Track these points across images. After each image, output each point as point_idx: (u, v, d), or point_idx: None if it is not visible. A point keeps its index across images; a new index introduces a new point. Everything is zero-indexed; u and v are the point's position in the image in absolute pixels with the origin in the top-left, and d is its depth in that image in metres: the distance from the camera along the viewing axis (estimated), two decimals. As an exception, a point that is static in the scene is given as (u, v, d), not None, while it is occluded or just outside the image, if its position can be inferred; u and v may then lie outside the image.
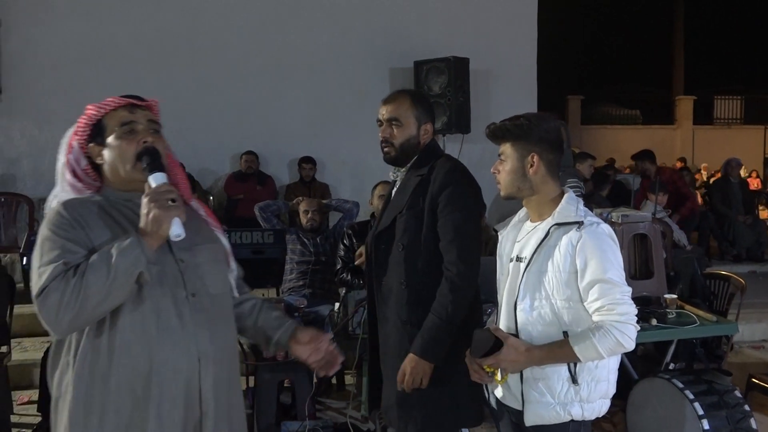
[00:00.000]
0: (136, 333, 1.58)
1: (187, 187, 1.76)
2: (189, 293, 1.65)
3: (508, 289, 1.94)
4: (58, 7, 6.34)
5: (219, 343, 1.68)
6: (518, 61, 7.27)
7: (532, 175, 1.90)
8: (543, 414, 1.82)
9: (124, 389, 1.57)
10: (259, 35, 6.74)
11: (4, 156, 6.39)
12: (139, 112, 1.69)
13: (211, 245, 1.75)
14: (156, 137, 1.68)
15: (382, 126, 2.35)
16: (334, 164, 7.02)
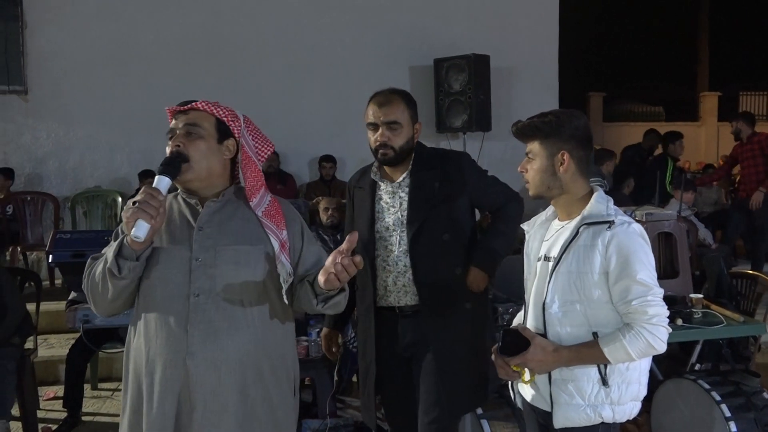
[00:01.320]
0: (143, 326, 1.74)
1: (254, 184, 1.78)
2: (192, 293, 1.69)
3: (536, 289, 1.90)
4: (83, 9, 6.43)
5: (218, 346, 1.68)
6: (539, 58, 7.21)
7: (563, 173, 1.85)
8: (572, 416, 1.79)
9: (132, 377, 1.76)
10: (279, 35, 6.77)
11: (30, 155, 6.51)
12: (180, 117, 1.78)
13: (244, 247, 1.73)
14: (189, 140, 1.73)
15: (376, 128, 2.34)
16: (354, 162, 7.01)
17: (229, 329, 1.70)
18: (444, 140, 6.96)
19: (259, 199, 1.78)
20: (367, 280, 2.40)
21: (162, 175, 1.67)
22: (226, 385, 1.69)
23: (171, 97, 1.88)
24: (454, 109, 6.54)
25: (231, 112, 1.81)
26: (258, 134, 1.88)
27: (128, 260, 1.67)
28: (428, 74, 6.80)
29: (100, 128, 6.52)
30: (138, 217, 1.59)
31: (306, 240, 1.85)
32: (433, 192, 2.34)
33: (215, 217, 1.76)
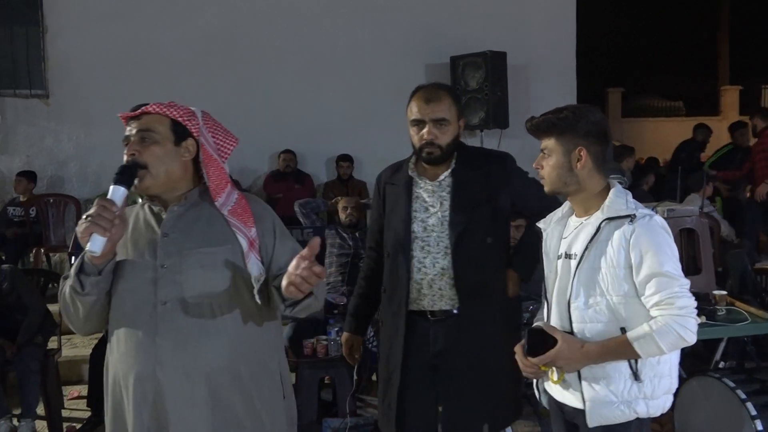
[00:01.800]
0: (115, 339, 1.70)
1: (218, 183, 1.72)
2: (160, 301, 1.64)
3: (559, 287, 1.87)
4: (102, 13, 6.50)
5: (188, 354, 1.62)
6: (557, 54, 7.15)
7: (579, 169, 1.81)
8: (607, 414, 1.76)
9: (110, 391, 1.72)
10: (296, 34, 6.79)
11: (52, 158, 6.60)
12: (133, 123, 1.71)
13: (210, 249, 1.67)
14: (144, 146, 1.67)
15: (421, 126, 2.23)
16: (372, 162, 7.02)
17: (200, 336, 1.64)
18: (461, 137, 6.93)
19: (225, 198, 1.72)
20: (399, 281, 2.27)
21: (117, 185, 1.60)
22: (199, 395, 1.64)
23: (190, 99, 1.87)
24: (471, 107, 6.51)
25: (187, 110, 1.73)
26: (219, 130, 1.80)
27: (90, 276, 1.63)
28: (445, 72, 6.77)
29: (120, 131, 6.48)
30: (92, 231, 1.54)
31: (279, 236, 1.77)
32: (477, 193, 2.24)
33: (180, 222, 1.70)
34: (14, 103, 6.54)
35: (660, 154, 12.46)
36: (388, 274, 2.32)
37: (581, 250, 1.81)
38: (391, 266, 2.31)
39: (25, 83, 6.54)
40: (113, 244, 1.61)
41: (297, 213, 4.76)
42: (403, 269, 2.25)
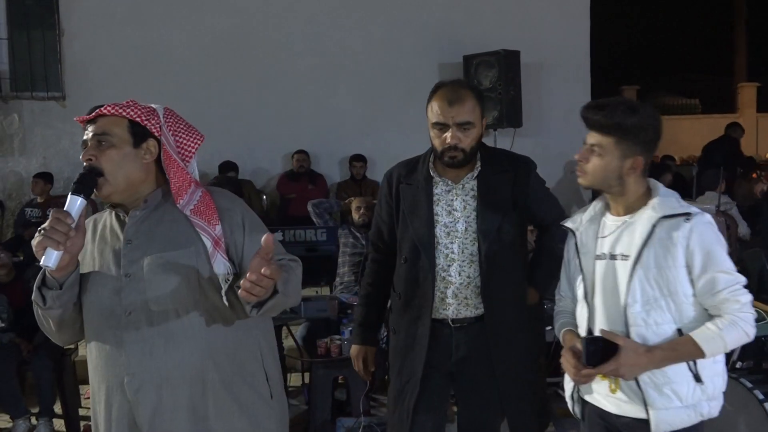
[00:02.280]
0: (89, 352, 1.67)
1: (180, 185, 1.63)
2: (125, 311, 1.58)
3: (605, 289, 1.78)
4: (116, 16, 6.57)
5: (155, 364, 1.57)
6: (571, 53, 7.12)
7: (628, 176, 1.74)
8: (674, 420, 1.71)
9: (93, 407, 1.69)
10: (309, 35, 6.82)
11: (69, 160, 6.67)
12: (90, 127, 1.62)
13: (172, 253, 1.59)
14: (100, 150, 1.58)
15: (444, 129, 2.08)
16: (384, 161, 7.01)
17: (167, 344, 1.57)
18: (475, 137, 6.93)
19: (188, 198, 1.62)
20: (420, 289, 2.14)
21: (74, 194, 1.52)
22: (169, 405, 1.58)
23: (202, 99, 1.86)
24: (485, 106, 6.48)
25: (146, 109, 1.64)
26: (181, 129, 1.69)
27: (52, 289, 1.58)
28: (458, 71, 6.75)
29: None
30: (45, 245, 1.47)
31: (248, 231, 1.65)
32: (503, 198, 2.14)
33: (143, 226, 1.62)
34: (31, 106, 6.62)
35: (676, 152, 12.35)
36: (405, 280, 2.19)
37: (636, 250, 1.73)
38: (409, 272, 2.18)
39: (42, 86, 6.63)
40: (72, 257, 1.54)
41: (310, 213, 4.78)
42: (425, 276, 2.13)
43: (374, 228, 2.37)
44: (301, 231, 3.53)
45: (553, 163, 7.16)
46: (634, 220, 1.76)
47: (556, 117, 7.08)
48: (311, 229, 3.59)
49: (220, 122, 6.14)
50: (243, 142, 6.22)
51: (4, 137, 6.57)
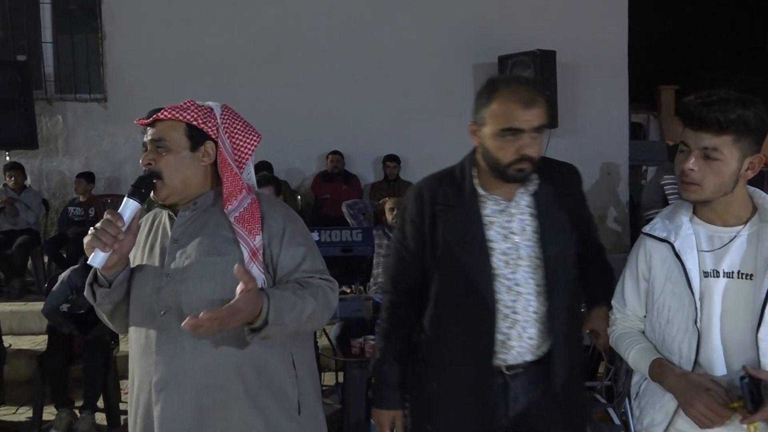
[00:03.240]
0: (130, 346, 1.70)
1: (231, 190, 1.62)
2: (160, 310, 1.59)
3: (726, 314, 1.49)
4: (156, 20, 6.71)
5: (181, 368, 1.57)
6: (608, 51, 7.01)
7: (743, 179, 1.48)
8: None
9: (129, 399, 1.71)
10: (343, 36, 6.85)
11: (110, 160, 6.84)
12: (149, 130, 1.65)
13: (211, 259, 1.59)
14: (159, 155, 1.61)
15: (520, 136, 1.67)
16: (418, 162, 7.02)
17: (194, 350, 1.56)
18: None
19: (236, 204, 1.61)
20: (476, 334, 1.75)
21: (130, 197, 1.56)
22: (190, 410, 1.57)
23: (238, 100, 1.87)
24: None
25: (203, 111, 1.63)
26: (238, 129, 1.68)
27: (102, 287, 1.62)
28: (492, 71, 6.71)
29: (174, 133, 6.78)
30: (94, 245, 1.51)
31: (286, 243, 1.63)
32: (561, 216, 1.79)
33: (189, 228, 1.63)
34: (74, 107, 6.81)
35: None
36: (452, 324, 1.79)
37: (764, 266, 1.45)
38: (459, 314, 1.77)
39: (85, 88, 6.81)
40: (121, 257, 1.57)
41: (345, 214, 4.81)
42: (483, 317, 1.73)
43: (394, 262, 1.88)
44: (336, 231, 3.55)
45: (589, 165, 7.06)
46: (748, 231, 1.50)
47: (592, 117, 6.98)
48: (347, 230, 3.61)
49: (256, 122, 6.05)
50: (278, 142, 6.27)
51: (49, 138, 6.77)
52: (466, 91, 7.02)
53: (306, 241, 1.69)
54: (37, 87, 6.59)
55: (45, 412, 3.90)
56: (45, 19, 6.81)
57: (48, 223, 6.64)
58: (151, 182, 1.59)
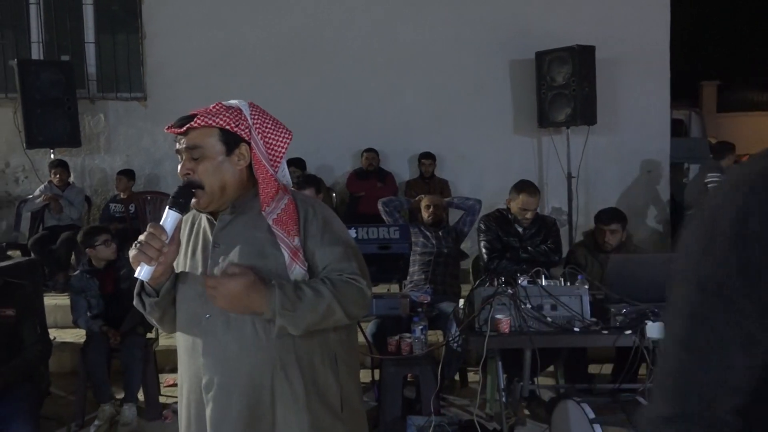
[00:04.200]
0: (178, 347, 1.73)
1: (267, 191, 1.63)
2: (205, 314, 1.62)
3: None
4: (194, 19, 6.80)
5: (228, 370, 1.59)
6: (649, 47, 6.84)
7: None
8: None
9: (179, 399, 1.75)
10: (378, 33, 6.85)
11: (150, 157, 6.97)
12: (182, 139, 1.64)
13: (252, 261, 1.60)
14: (196, 164, 1.61)
15: None
16: (454, 159, 6.99)
17: (240, 352, 1.59)
18: (546, 135, 6.78)
19: (274, 206, 1.62)
20: None
21: (171, 208, 1.57)
22: (238, 411, 1.59)
23: (274, 98, 1.86)
24: (557, 103, 6.35)
25: (234, 113, 1.62)
26: (269, 128, 1.67)
27: (150, 297, 1.67)
28: (529, 68, 6.64)
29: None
30: (140, 260, 1.54)
31: (322, 242, 1.65)
32: None
33: (230, 231, 1.65)
34: (115, 106, 6.95)
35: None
36: None
37: None
38: None
39: (126, 87, 6.95)
40: (165, 267, 1.60)
41: (381, 211, 4.81)
42: None
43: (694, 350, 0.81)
44: (374, 228, 3.54)
45: (629, 162, 6.93)
46: None
47: (632, 114, 6.84)
48: (384, 227, 3.60)
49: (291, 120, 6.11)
50: (313, 139, 6.31)
51: (92, 136, 6.93)
52: (502, 88, 6.96)
53: (342, 240, 1.68)
54: (80, 86, 6.75)
55: (88, 404, 4.00)
56: (88, 19, 6.97)
57: (90, 219, 6.80)
58: (191, 192, 1.59)
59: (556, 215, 6.89)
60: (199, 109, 1.63)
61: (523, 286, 3.08)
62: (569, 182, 6.55)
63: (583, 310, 3.07)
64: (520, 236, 4.17)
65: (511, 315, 3.02)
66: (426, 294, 4.09)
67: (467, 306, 3.29)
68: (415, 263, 4.46)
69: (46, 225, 6.13)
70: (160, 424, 3.96)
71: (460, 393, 4.28)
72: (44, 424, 3.60)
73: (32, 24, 6.93)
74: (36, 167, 6.73)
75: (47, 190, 6.11)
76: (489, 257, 4.10)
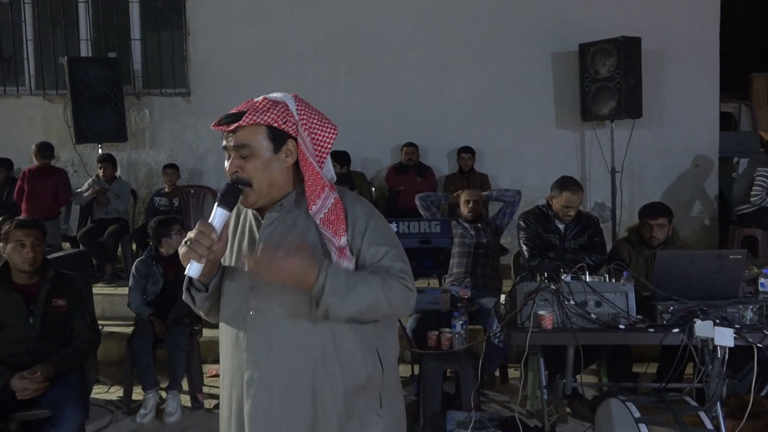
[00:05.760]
0: (220, 341, 1.75)
1: (312, 189, 1.62)
2: (249, 310, 1.63)
3: None
4: (236, 16, 6.89)
5: (270, 366, 1.60)
6: (697, 38, 6.63)
7: None
8: None
9: (221, 392, 1.77)
10: (419, 26, 6.81)
11: (193, 152, 7.10)
12: (229, 136, 1.63)
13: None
14: (244, 162, 1.62)
15: None
16: (493, 154, 6.92)
17: (282, 349, 1.60)
18: (589, 128, 6.65)
19: (320, 204, 1.61)
20: None
21: (220, 206, 1.59)
22: (278, 409, 1.60)
23: (315, 93, 1.84)
24: (601, 96, 6.22)
25: (281, 109, 1.61)
26: (315, 122, 1.66)
27: (199, 292, 1.70)
28: (572, 60, 6.51)
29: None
30: (189, 257, 1.55)
31: (369, 241, 1.64)
32: None
33: (277, 229, 1.65)
34: (160, 102, 7.10)
35: (815, 144, 11.23)
36: None
37: None
38: None
39: (170, 83, 7.09)
40: (214, 264, 1.62)
41: (418, 206, 4.81)
42: None
43: None
44: (415, 222, 3.53)
45: (675, 156, 6.74)
46: None
47: (679, 107, 6.64)
48: (425, 221, 3.59)
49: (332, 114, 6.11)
50: (353, 133, 6.31)
51: (137, 131, 7.09)
52: (544, 81, 6.84)
53: (388, 239, 1.68)
54: (126, 82, 6.90)
55: (134, 392, 4.11)
56: (134, 17, 7.13)
57: (136, 212, 6.97)
58: (239, 190, 1.60)
59: (599, 210, 6.76)
60: (245, 105, 1.63)
61: (567, 282, 3.03)
62: (613, 177, 6.41)
63: (629, 307, 3.01)
64: (561, 234, 4.11)
65: (554, 311, 2.98)
66: (466, 289, 4.07)
67: (509, 301, 3.26)
68: (454, 256, 4.45)
69: (93, 218, 6.30)
70: (202, 413, 4.04)
71: (501, 389, 4.25)
72: (93, 411, 3.72)
73: (81, 22, 7.12)
74: (85, 161, 6.93)
75: (95, 183, 6.28)
76: (530, 254, 4.05)
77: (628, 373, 3.78)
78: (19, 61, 7.20)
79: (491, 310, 3.84)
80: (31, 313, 3.20)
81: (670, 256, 3.23)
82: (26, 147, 6.64)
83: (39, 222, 3.38)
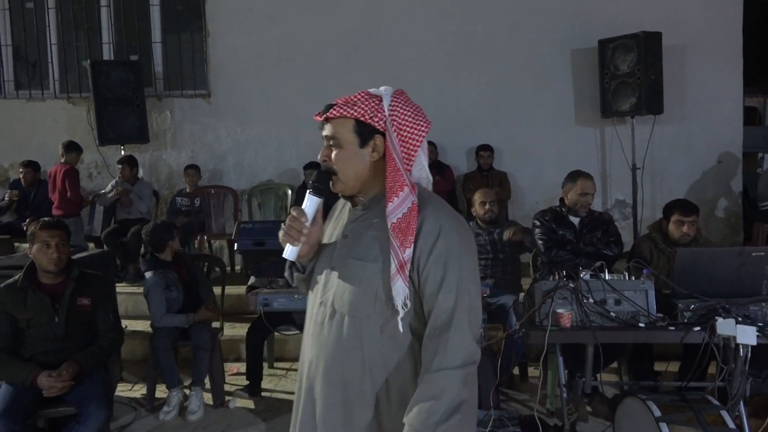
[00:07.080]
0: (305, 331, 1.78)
1: (392, 186, 1.59)
2: (319, 301, 1.69)
3: None
4: (255, 17, 6.94)
5: (326, 359, 1.63)
6: (720, 31, 6.53)
7: None
8: None
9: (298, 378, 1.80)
10: (437, 25, 6.80)
11: (213, 153, 7.17)
12: (325, 126, 1.68)
13: (360, 263, 1.61)
14: (331, 152, 1.65)
15: None
16: (512, 151, 6.89)
17: (336, 346, 1.63)
18: (609, 125, 6.59)
19: (397, 205, 1.56)
20: None
21: (312, 193, 1.67)
22: (331, 403, 1.64)
23: (334, 93, 1.83)
24: (622, 92, 6.16)
25: (373, 103, 1.63)
26: (407, 119, 1.64)
27: (297, 272, 1.79)
28: (592, 57, 6.46)
29: (271, 125, 7.02)
30: (285, 241, 1.66)
31: (434, 259, 1.53)
32: None
33: (358, 226, 1.68)
34: (181, 103, 7.18)
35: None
36: None
37: None
38: None
39: (190, 84, 7.16)
40: (311, 246, 1.70)
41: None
42: None
43: None
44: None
45: (697, 153, 6.65)
46: None
47: (701, 103, 6.55)
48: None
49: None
50: (372, 133, 6.35)
51: (159, 132, 7.18)
52: (563, 78, 6.79)
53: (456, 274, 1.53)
54: (148, 84, 6.99)
55: (157, 389, 4.17)
56: (154, 20, 7.22)
57: (158, 212, 7.06)
58: (328, 177, 1.66)
59: (620, 208, 6.70)
60: (343, 98, 1.67)
61: (586, 280, 3.01)
62: (634, 174, 6.35)
63: (649, 305, 2.99)
64: (575, 229, 4.09)
65: (573, 309, 2.96)
66: (485, 287, 4.06)
67: (527, 300, 3.25)
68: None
69: (117, 218, 6.40)
70: (223, 411, 4.09)
71: (520, 388, 4.24)
72: (117, 408, 3.78)
73: (103, 26, 7.23)
74: (108, 163, 7.04)
75: (117, 184, 6.38)
76: (546, 247, 4.04)
77: (649, 371, 3.75)
78: (43, 65, 7.33)
79: (510, 308, 3.83)
80: (57, 312, 3.27)
81: (691, 254, 3.19)
82: (51, 149, 6.77)
83: (63, 223, 3.45)
